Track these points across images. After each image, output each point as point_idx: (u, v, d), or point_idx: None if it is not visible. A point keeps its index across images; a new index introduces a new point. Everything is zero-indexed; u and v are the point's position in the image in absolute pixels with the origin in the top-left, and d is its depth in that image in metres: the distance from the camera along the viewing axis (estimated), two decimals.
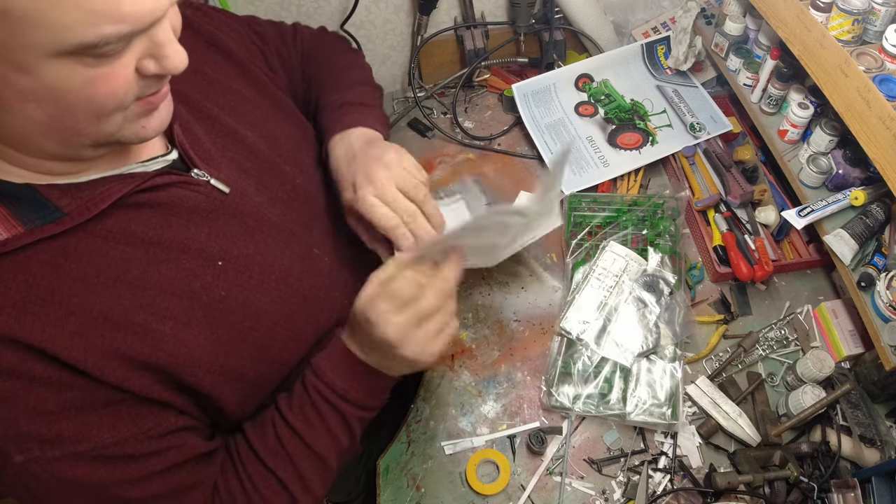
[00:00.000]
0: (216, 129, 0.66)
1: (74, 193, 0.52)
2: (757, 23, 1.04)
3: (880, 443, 0.81)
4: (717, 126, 1.10)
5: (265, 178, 0.69)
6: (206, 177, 0.61)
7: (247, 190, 0.66)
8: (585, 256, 0.97)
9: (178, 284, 0.57)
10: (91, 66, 0.44)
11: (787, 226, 0.96)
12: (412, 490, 0.82)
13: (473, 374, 0.91)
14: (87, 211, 0.52)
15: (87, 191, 0.53)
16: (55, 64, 0.43)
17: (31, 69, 0.43)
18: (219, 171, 0.63)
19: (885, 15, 0.79)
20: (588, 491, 0.81)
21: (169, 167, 0.59)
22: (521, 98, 1.16)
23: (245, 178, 0.66)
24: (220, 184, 0.62)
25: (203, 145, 0.64)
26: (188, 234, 0.59)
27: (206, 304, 0.59)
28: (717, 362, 0.90)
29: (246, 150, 0.68)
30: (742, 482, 0.76)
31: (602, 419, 0.85)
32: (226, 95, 0.70)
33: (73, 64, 0.43)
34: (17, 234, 0.49)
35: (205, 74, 0.69)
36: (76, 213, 0.52)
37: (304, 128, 0.82)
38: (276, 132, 0.74)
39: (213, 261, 0.60)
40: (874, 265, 0.83)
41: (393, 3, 1.18)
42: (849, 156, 0.90)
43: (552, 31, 1.19)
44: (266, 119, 0.74)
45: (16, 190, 0.50)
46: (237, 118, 0.70)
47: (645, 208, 1.01)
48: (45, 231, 0.50)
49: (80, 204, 0.52)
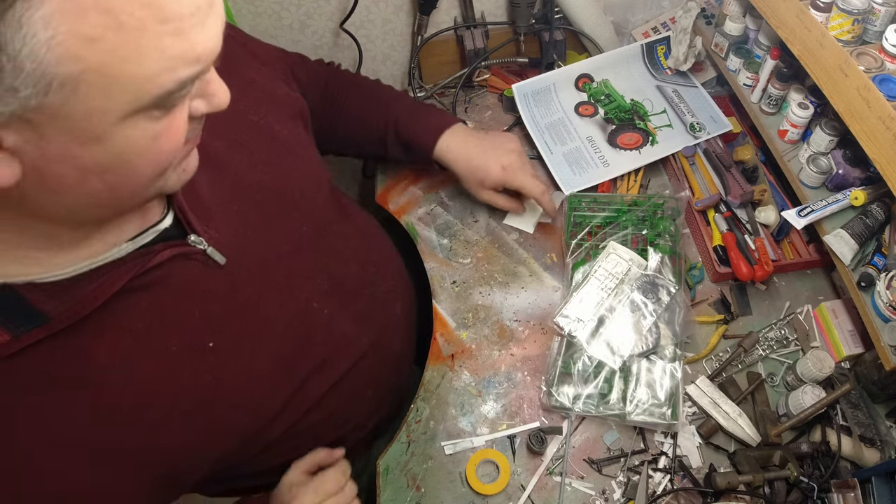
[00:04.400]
0: (222, 178, 0.62)
1: (60, 296, 0.48)
2: (757, 23, 1.04)
3: (880, 443, 0.81)
4: (717, 126, 1.11)
5: (271, 230, 0.65)
6: (202, 244, 0.56)
7: (250, 250, 0.62)
8: (585, 256, 0.97)
9: (163, 375, 0.55)
10: (157, 119, 0.41)
11: (787, 226, 0.96)
12: (412, 490, 0.82)
13: (473, 374, 0.91)
14: (75, 314, 0.48)
15: (74, 290, 0.48)
16: (126, 126, 0.39)
17: (102, 138, 0.39)
18: (219, 233, 0.58)
19: (885, 15, 0.79)
20: (588, 491, 0.81)
21: (160, 237, 0.54)
22: (521, 98, 1.16)
23: (251, 233, 0.63)
24: (217, 253, 0.58)
25: (203, 203, 0.58)
26: (179, 317, 0.55)
27: (190, 393, 0.57)
28: (717, 362, 0.90)
29: (253, 200, 0.64)
30: (742, 482, 0.76)
31: (602, 419, 0.85)
32: (239, 130, 0.66)
33: (142, 122, 0.40)
34: (4, 341, 0.46)
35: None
36: (63, 318, 0.48)
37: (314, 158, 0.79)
38: (291, 169, 0.71)
39: (204, 344, 0.57)
40: (874, 265, 0.83)
41: (393, 3, 1.18)
42: (849, 156, 0.90)
43: (552, 31, 1.19)
44: (282, 155, 0.70)
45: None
46: (250, 157, 0.66)
47: (645, 208, 1.01)
48: (32, 336, 0.47)
49: (66, 307, 0.48)
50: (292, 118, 0.76)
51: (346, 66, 1.28)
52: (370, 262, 0.85)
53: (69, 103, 0.36)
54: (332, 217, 0.78)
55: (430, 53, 1.24)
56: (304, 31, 1.20)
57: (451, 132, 0.95)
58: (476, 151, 0.95)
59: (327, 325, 0.72)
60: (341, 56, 1.27)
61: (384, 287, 0.86)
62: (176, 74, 0.39)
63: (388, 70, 1.31)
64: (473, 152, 0.95)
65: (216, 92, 0.46)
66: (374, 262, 0.86)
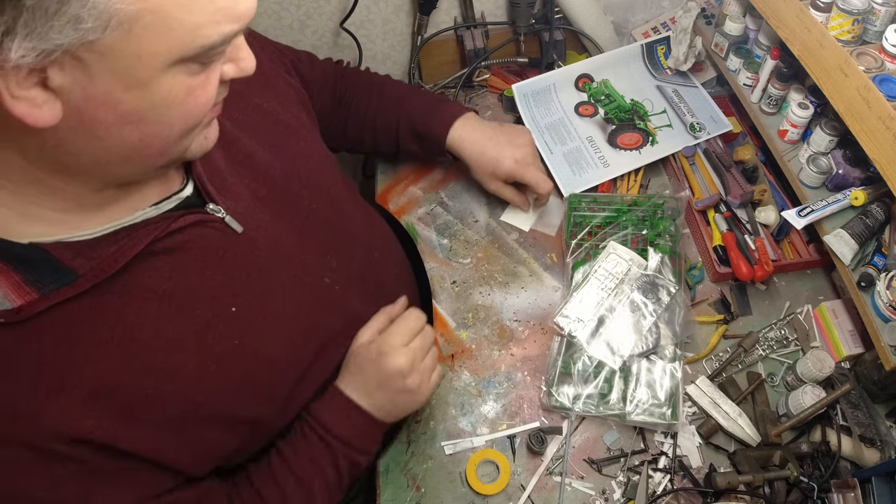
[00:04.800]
0: (233, 154, 0.64)
1: (87, 253, 0.49)
2: (757, 23, 1.04)
3: (880, 443, 0.81)
4: (717, 126, 1.11)
5: (280, 206, 0.67)
6: (221, 212, 0.58)
7: (262, 222, 0.64)
8: (585, 256, 0.97)
9: (190, 338, 0.56)
10: (195, 73, 0.43)
11: (787, 226, 0.96)
12: (412, 490, 0.82)
13: (473, 374, 0.91)
14: (102, 272, 0.49)
15: (100, 248, 0.50)
16: (168, 75, 0.41)
17: (145, 84, 0.41)
18: (235, 203, 0.61)
19: (885, 15, 0.79)
20: (588, 491, 0.81)
21: (181, 204, 0.56)
22: (520, 98, 1.16)
23: (260, 207, 0.64)
24: (234, 221, 0.60)
25: (220, 174, 0.61)
26: (202, 281, 0.57)
27: (219, 356, 0.57)
28: (717, 362, 0.90)
29: (262, 175, 0.66)
30: (742, 482, 0.76)
31: (602, 419, 0.85)
32: (246, 112, 0.68)
33: (181, 74, 0.42)
34: (31, 300, 0.46)
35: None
36: (91, 275, 0.49)
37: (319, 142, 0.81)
38: (296, 151, 0.73)
39: (226, 308, 0.59)
40: (874, 265, 0.83)
41: (393, 3, 1.18)
42: (849, 156, 0.90)
43: (552, 31, 1.19)
44: (286, 137, 0.72)
45: (26, 252, 0.47)
46: (256, 138, 0.67)
47: (645, 208, 1.01)
48: (60, 295, 0.47)
49: (94, 264, 0.49)
50: (293, 104, 0.78)
51: None
52: (375, 247, 0.86)
53: (123, 43, 0.38)
54: (340, 199, 0.79)
55: (430, 53, 1.24)
56: (304, 31, 1.20)
57: (462, 122, 0.96)
58: (490, 144, 0.96)
59: (340, 301, 0.73)
60: (341, 56, 1.27)
61: (389, 274, 0.88)
62: (220, 28, 0.41)
63: (387, 70, 1.31)
64: (488, 144, 0.96)
65: (245, 57, 0.48)
66: (378, 249, 0.87)
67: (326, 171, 0.78)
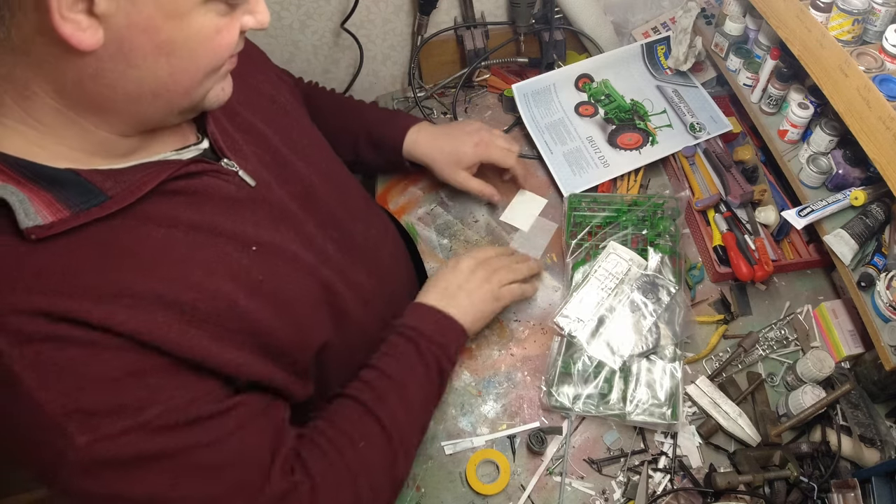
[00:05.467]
0: (237, 122, 0.68)
1: (117, 177, 0.52)
2: (757, 23, 1.04)
3: (880, 443, 0.81)
4: (717, 126, 1.11)
5: (283, 173, 0.70)
6: (235, 167, 0.62)
7: (270, 183, 0.67)
8: (585, 256, 0.97)
9: (221, 266, 0.58)
10: (223, 14, 0.48)
11: (787, 226, 0.96)
12: (412, 490, 0.82)
13: (473, 374, 0.91)
14: (131, 194, 0.52)
15: (128, 175, 0.53)
16: (202, 10, 0.47)
17: (184, 15, 0.46)
18: (246, 163, 0.65)
19: (885, 15, 0.79)
20: (588, 491, 0.81)
21: (200, 156, 0.60)
22: (521, 98, 1.16)
23: (266, 171, 0.68)
24: (248, 176, 0.64)
25: (231, 136, 0.65)
26: (222, 220, 0.60)
27: (246, 287, 0.59)
28: (717, 362, 0.90)
29: (264, 144, 0.70)
30: (742, 482, 0.76)
31: (602, 419, 0.85)
32: (244, 91, 0.70)
33: (211, 13, 0.47)
34: (63, 217, 0.48)
35: None
36: (120, 197, 0.51)
37: (315, 128, 0.84)
38: (291, 129, 0.77)
39: (248, 245, 0.61)
40: (874, 265, 0.83)
41: (393, 3, 1.18)
42: (849, 156, 0.90)
43: (552, 31, 1.19)
44: (282, 116, 0.77)
45: (59, 175, 0.49)
46: (254, 113, 0.72)
47: (645, 208, 1.01)
48: (90, 214, 0.49)
49: (123, 188, 0.52)
50: (286, 91, 0.82)
51: (347, 66, 1.29)
52: (372, 225, 0.89)
53: None
54: (337, 177, 0.83)
55: (430, 53, 1.24)
56: (304, 31, 1.20)
57: (416, 128, 0.99)
58: (446, 139, 1.00)
59: (343, 271, 0.74)
60: (341, 56, 1.27)
61: (385, 251, 0.90)
62: None
63: (388, 70, 1.31)
64: (443, 140, 1.00)
65: (262, 11, 0.53)
66: (375, 227, 0.90)
67: (322, 150, 0.83)
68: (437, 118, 1.22)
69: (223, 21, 0.49)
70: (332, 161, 0.85)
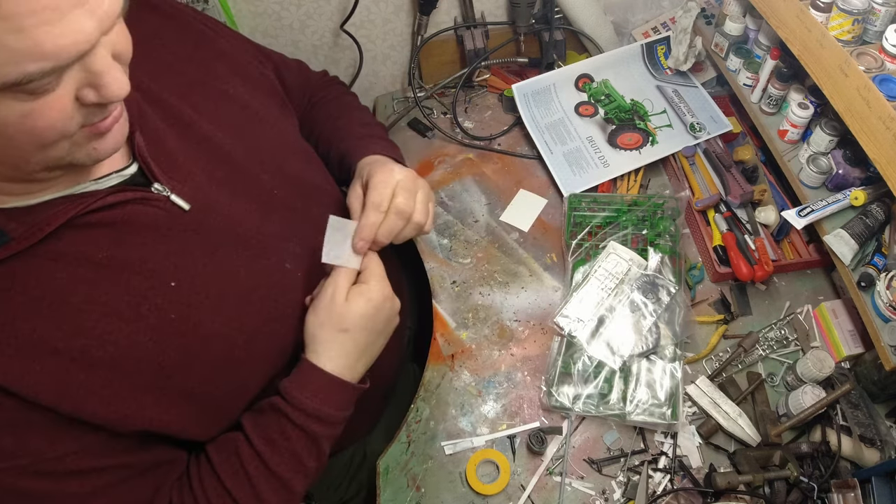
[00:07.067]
0: (189, 136, 0.65)
1: (22, 218, 0.52)
2: (757, 23, 1.04)
3: (880, 443, 0.81)
4: (717, 126, 1.11)
5: (239, 187, 0.68)
6: (166, 192, 0.60)
7: (217, 203, 0.64)
8: (585, 256, 0.97)
9: (123, 307, 0.56)
10: (25, 100, 0.44)
11: (787, 226, 0.96)
12: (412, 490, 0.82)
13: (473, 374, 0.91)
14: (34, 235, 0.52)
15: (35, 214, 0.52)
16: None
17: None
18: (183, 185, 0.62)
19: (885, 15, 0.79)
20: (588, 491, 0.81)
21: (127, 182, 0.58)
22: (521, 98, 1.16)
23: (216, 188, 0.65)
24: (181, 200, 0.61)
25: (170, 155, 0.62)
26: (142, 254, 0.58)
27: (153, 327, 0.58)
28: (717, 362, 0.90)
29: (220, 158, 0.67)
30: (742, 482, 0.76)
31: (602, 419, 0.85)
32: (207, 97, 0.69)
33: (7, 100, 0.44)
34: None
35: (186, 75, 0.68)
36: (22, 238, 0.51)
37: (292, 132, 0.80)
38: (261, 137, 0.73)
39: (166, 282, 0.59)
40: (874, 265, 0.83)
41: (393, 3, 1.18)
42: (849, 156, 0.90)
43: (552, 31, 1.19)
44: (252, 123, 0.73)
45: None
46: (216, 122, 0.68)
47: (645, 208, 1.01)
48: None
49: (26, 228, 0.51)
50: (264, 94, 0.78)
51: (347, 66, 1.29)
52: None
53: None
54: (310, 188, 0.78)
55: (430, 53, 1.24)
56: (305, 31, 1.20)
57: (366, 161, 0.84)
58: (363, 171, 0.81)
59: (301, 288, 0.72)
60: (341, 56, 1.27)
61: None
62: (21, 68, 0.42)
63: (388, 70, 1.32)
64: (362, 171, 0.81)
65: (108, 84, 0.48)
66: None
67: (296, 161, 0.78)
68: (437, 118, 1.22)
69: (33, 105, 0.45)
70: (308, 172, 0.79)
